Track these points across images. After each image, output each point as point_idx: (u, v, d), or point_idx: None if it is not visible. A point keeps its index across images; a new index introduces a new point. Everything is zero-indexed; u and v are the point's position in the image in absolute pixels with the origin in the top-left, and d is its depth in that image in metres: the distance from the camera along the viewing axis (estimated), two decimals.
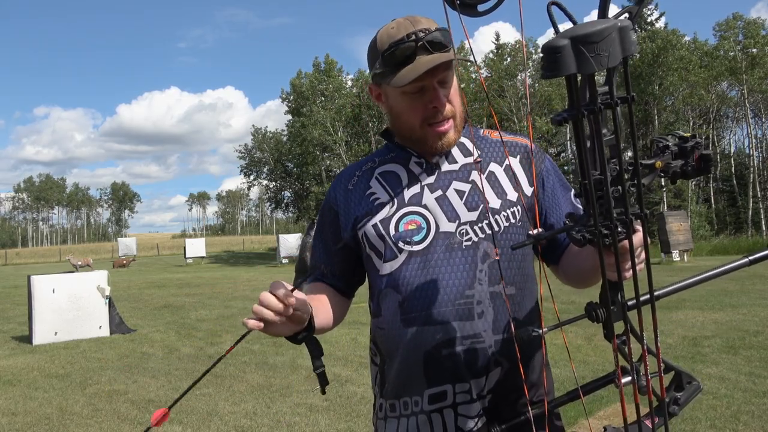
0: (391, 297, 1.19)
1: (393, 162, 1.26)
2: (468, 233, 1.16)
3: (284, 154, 41.52)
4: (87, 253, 43.03)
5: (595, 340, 6.37)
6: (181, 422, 4.41)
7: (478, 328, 1.12)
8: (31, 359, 6.83)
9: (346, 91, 35.53)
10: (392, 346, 1.19)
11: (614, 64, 0.60)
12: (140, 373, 6.00)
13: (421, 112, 1.16)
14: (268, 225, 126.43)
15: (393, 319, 1.18)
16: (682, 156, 0.82)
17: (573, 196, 1.27)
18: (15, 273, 25.97)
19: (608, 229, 0.71)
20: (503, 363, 1.13)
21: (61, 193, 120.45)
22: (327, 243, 1.32)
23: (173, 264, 31.51)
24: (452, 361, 1.12)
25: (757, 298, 8.96)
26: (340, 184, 1.31)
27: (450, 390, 1.13)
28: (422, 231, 1.17)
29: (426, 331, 1.14)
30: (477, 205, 1.18)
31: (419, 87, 1.14)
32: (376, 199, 1.23)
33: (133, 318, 9.63)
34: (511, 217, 1.19)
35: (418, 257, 1.16)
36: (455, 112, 1.18)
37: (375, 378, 1.27)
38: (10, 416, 4.69)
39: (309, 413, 4.51)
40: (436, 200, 1.19)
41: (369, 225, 1.21)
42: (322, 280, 1.33)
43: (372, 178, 1.26)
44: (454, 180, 1.20)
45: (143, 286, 15.69)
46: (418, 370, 1.15)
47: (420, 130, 1.18)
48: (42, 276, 8.20)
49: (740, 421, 3.86)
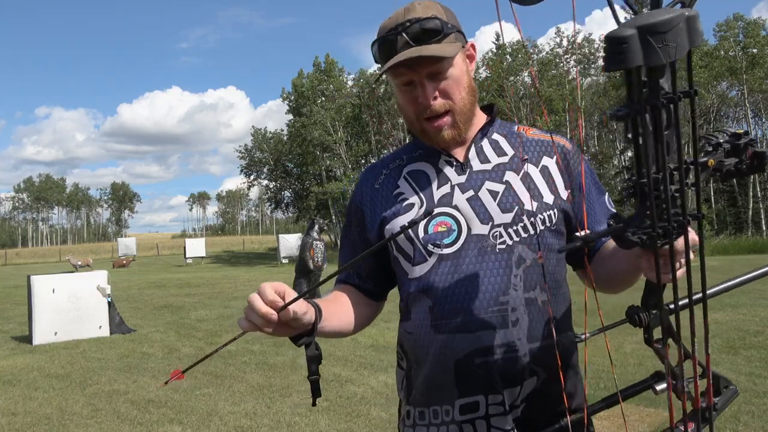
0: (421, 301, 1.14)
1: (421, 160, 1.21)
2: (502, 236, 1.10)
3: (284, 154, 41.52)
4: (87, 253, 43.03)
5: (596, 340, 6.34)
6: (181, 422, 4.41)
7: (513, 337, 1.07)
8: (30, 359, 6.83)
9: (346, 91, 35.51)
10: (421, 352, 1.14)
11: (681, 55, 0.57)
12: (140, 373, 6.00)
13: (413, 105, 1.13)
14: (268, 225, 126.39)
15: (422, 324, 1.13)
16: (734, 154, 0.77)
17: (607, 199, 1.23)
18: (15, 273, 25.96)
19: (665, 230, 0.67)
20: (539, 372, 1.08)
21: (60, 193, 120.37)
22: (354, 243, 1.27)
23: (173, 264, 31.49)
24: (485, 371, 1.07)
25: (757, 298, 8.96)
26: (366, 182, 1.26)
27: (482, 401, 1.08)
28: (453, 233, 1.11)
29: (458, 339, 1.08)
30: (512, 207, 1.12)
31: (407, 81, 1.11)
32: (405, 199, 1.18)
33: (133, 318, 9.63)
34: (548, 221, 1.12)
35: (449, 261, 1.10)
36: (453, 106, 1.12)
37: (401, 383, 1.21)
38: (10, 416, 4.69)
39: (309, 413, 4.51)
40: (467, 201, 1.13)
41: (397, 227, 1.16)
42: (348, 282, 1.27)
43: (400, 177, 1.21)
44: (486, 180, 1.14)
45: (143, 286, 15.68)
46: (449, 379, 1.10)
47: (418, 124, 1.15)
48: (42, 276, 8.20)
49: (740, 421, 3.86)
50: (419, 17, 1.07)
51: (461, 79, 1.12)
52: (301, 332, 1.02)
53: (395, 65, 1.07)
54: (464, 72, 1.13)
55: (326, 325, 1.09)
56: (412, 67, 1.07)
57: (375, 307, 1.30)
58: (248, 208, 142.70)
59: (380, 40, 1.11)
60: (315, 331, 1.04)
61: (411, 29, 1.07)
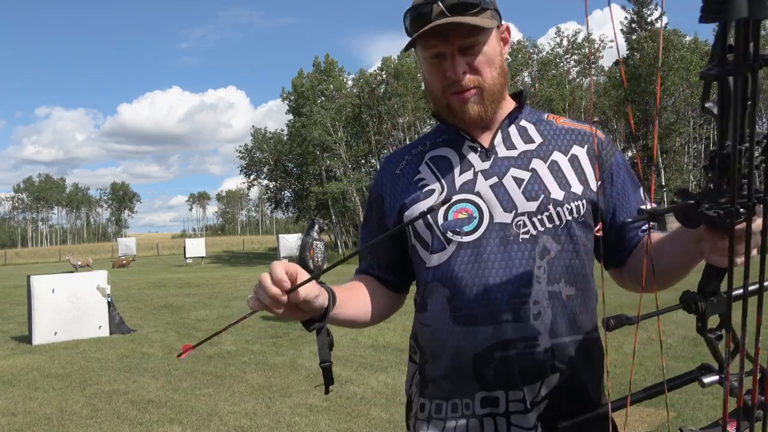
0: (438, 292, 1.09)
1: (445, 146, 1.16)
2: (526, 225, 1.05)
3: (284, 154, 41.51)
4: (87, 253, 43.00)
5: None
6: (181, 422, 4.41)
7: (534, 331, 1.02)
8: (30, 359, 6.82)
9: (346, 91, 35.51)
10: (438, 344, 1.09)
11: None
12: (140, 373, 5.99)
13: (440, 79, 1.08)
14: (268, 225, 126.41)
15: (440, 315, 1.08)
16: None
17: (642, 193, 1.18)
18: (15, 273, 25.95)
19: (745, 206, 0.59)
20: (562, 369, 1.04)
21: (60, 193, 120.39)
22: (374, 230, 1.22)
23: (173, 264, 31.48)
24: (505, 366, 1.02)
25: None
26: (388, 168, 1.22)
27: (503, 397, 1.04)
28: (474, 221, 1.06)
29: (477, 332, 1.04)
30: (537, 195, 1.06)
31: (437, 53, 1.06)
32: (425, 185, 1.13)
33: (133, 318, 9.62)
34: (575, 212, 1.06)
35: (469, 249, 1.05)
36: (482, 83, 1.07)
37: (412, 377, 1.17)
38: (10, 416, 4.69)
39: (309, 413, 4.51)
40: (490, 188, 1.07)
41: (415, 213, 1.11)
42: (367, 272, 1.23)
43: (422, 163, 1.16)
44: (512, 167, 1.09)
45: (143, 286, 15.68)
46: (467, 373, 1.05)
47: (443, 99, 1.10)
48: (42, 276, 8.19)
49: None
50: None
51: (494, 58, 1.08)
52: (313, 317, 0.99)
53: (427, 35, 1.03)
54: (497, 52, 1.09)
55: (340, 312, 1.05)
56: (446, 38, 1.03)
57: (395, 299, 1.25)
58: (248, 208, 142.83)
59: (414, 9, 1.06)
60: (327, 317, 1.00)
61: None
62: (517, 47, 32.09)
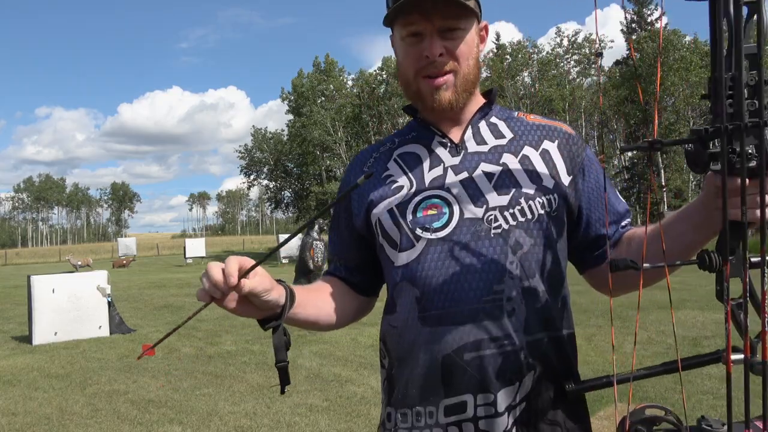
0: (407, 291, 1.04)
1: (414, 142, 1.13)
2: (497, 219, 1.01)
3: (284, 154, 41.53)
4: (87, 253, 43.02)
5: (595, 340, 6.38)
6: (181, 422, 4.41)
7: (508, 328, 0.97)
8: (31, 359, 6.82)
9: (346, 91, 35.52)
10: (405, 347, 1.04)
11: None
12: (140, 373, 5.99)
13: (414, 60, 1.04)
14: (268, 225, 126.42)
15: (408, 316, 1.03)
16: None
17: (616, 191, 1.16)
18: (15, 273, 25.95)
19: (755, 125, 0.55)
20: (536, 367, 0.99)
21: (60, 193, 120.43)
22: (341, 233, 1.19)
23: (173, 264, 31.47)
24: (477, 367, 0.97)
25: None
26: (355, 167, 1.18)
27: (470, 401, 0.98)
28: (444, 217, 1.02)
29: (447, 332, 0.99)
30: (508, 189, 1.03)
31: (413, 32, 1.02)
32: (393, 181, 1.09)
33: (133, 318, 9.62)
34: (547, 205, 1.03)
35: (439, 246, 1.01)
36: (457, 68, 1.04)
37: (383, 383, 1.11)
38: (10, 416, 4.69)
39: (309, 413, 4.51)
40: (460, 183, 1.04)
41: (384, 210, 1.07)
42: (334, 274, 1.20)
43: (390, 160, 1.13)
44: (482, 162, 1.06)
45: (143, 286, 15.68)
46: (435, 377, 1.00)
47: (414, 83, 1.06)
48: (42, 276, 8.19)
49: None
50: None
51: (472, 48, 1.05)
52: (270, 315, 0.96)
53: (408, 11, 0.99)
54: (475, 44, 1.06)
55: (299, 312, 1.02)
56: (427, 16, 1.00)
57: (364, 303, 1.22)
58: (248, 208, 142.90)
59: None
60: (284, 316, 0.97)
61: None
62: (517, 47, 32.09)
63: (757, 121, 0.57)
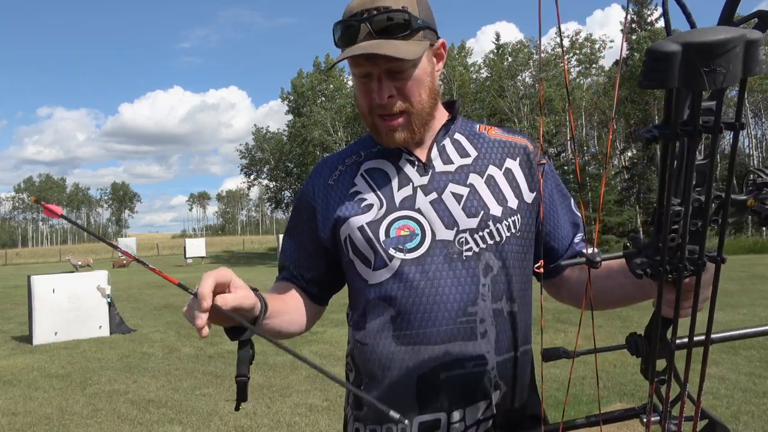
0: (381, 310, 1.05)
1: (381, 157, 1.12)
2: (468, 242, 1.03)
3: (285, 154, 41.55)
4: (87, 253, 43.01)
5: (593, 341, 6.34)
6: (181, 422, 4.41)
7: (482, 349, 1.01)
8: (31, 359, 6.83)
9: (346, 91, 35.54)
10: (376, 365, 1.05)
11: (731, 84, 0.48)
12: (140, 373, 6.00)
13: (368, 99, 1.04)
14: (268, 225, 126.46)
15: (382, 335, 1.05)
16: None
17: (572, 204, 1.17)
18: (15, 273, 25.96)
19: (675, 269, 0.61)
20: (501, 386, 1.03)
21: (61, 193, 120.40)
22: (301, 243, 1.17)
23: (173, 264, 31.47)
24: (450, 387, 1.00)
25: (757, 298, 8.95)
26: (319, 178, 1.16)
27: (444, 419, 1.01)
28: (416, 238, 1.03)
29: (422, 352, 1.01)
30: (477, 212, 1.05)
31: (365, 72, 1.02)
32: (363, 199, 1.09)
33: (133, 318, 9.63)
34: (512, 227, 1.06)
35: (413, 266, 1.02)
36: (410, 108, 1.04)
37: (348, 397, 1.13)
38: (10, 416, 4.69)
39: (309, 413, 4.51)
40: (431, 204, 1.05)
41: (354, 228, 1.06)
42: (291, 281, 1.18)
43: (357, 175, 1.12)
44: (450, 182, 1.07)
45: (143, 286, 15.69)
46: (409, 395, 1.02)
47: (369, 117, 1.07)
48: (42, 276, 8.20)
49: (740, 421, 3.86)
50: (388, 7, 0.98)
51: (423, 80, 1.04)
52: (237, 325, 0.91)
53: (355, 54, 0.98)
54: (427, 73, 1.05)
55: (268, 323, 1.00)
56: (372, 60, 0.99)
57: (319, 312, 1.22)
58: (248, 208, 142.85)
59: (343, 24, 1.01)
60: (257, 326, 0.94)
61: (376, 19, 0.97)
62: (517, 47, 32.11)
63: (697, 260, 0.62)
